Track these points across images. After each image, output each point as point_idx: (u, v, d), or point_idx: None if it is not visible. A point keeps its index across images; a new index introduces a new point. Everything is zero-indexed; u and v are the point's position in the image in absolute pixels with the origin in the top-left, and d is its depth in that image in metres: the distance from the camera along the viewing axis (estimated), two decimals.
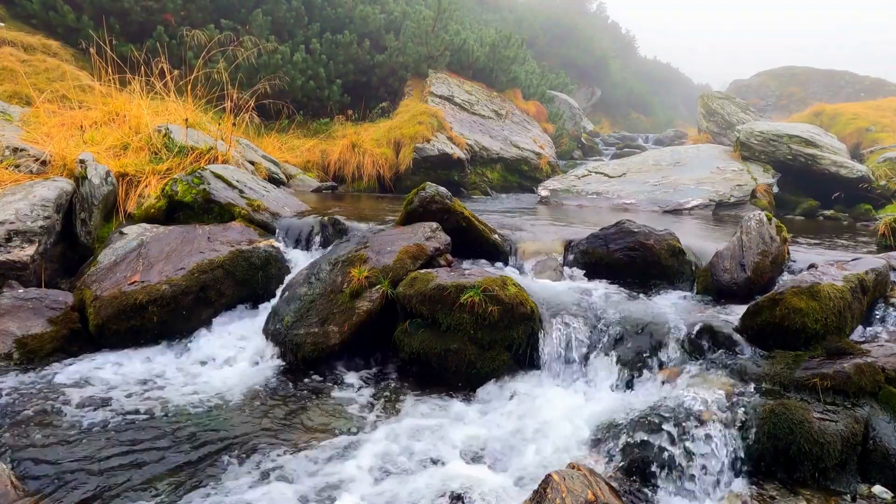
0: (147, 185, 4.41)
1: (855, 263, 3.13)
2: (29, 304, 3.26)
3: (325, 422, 2.65)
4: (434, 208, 3.85)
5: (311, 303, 3.31)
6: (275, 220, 4.33)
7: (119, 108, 5.17)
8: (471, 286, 3.01)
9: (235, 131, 5.93)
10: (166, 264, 3.53)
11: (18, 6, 7.24)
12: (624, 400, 2.68)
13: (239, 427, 2.55)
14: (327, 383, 3.06)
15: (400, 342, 3.14)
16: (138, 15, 7.91)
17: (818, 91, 20.61)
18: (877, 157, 9.05)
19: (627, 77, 26.73)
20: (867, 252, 4.03)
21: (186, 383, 2.96)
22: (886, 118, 12.26)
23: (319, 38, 9.28)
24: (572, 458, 2.34)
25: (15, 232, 3.51)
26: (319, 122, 8.80)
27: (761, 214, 3.59)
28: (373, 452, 2.39)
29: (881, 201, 7.58)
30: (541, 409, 2.70)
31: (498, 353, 3.01)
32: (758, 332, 2.71)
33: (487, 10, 19.85)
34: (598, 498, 1.81)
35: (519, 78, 12.11)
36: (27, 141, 4.35)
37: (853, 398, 2.33)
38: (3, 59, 5.93)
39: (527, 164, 9.81)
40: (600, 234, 3.77)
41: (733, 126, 11.84)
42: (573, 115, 14.76)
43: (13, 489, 1.93)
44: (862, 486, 2.19)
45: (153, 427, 2.51)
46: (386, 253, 3.48)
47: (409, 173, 7.87)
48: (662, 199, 7.31)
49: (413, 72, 10.02)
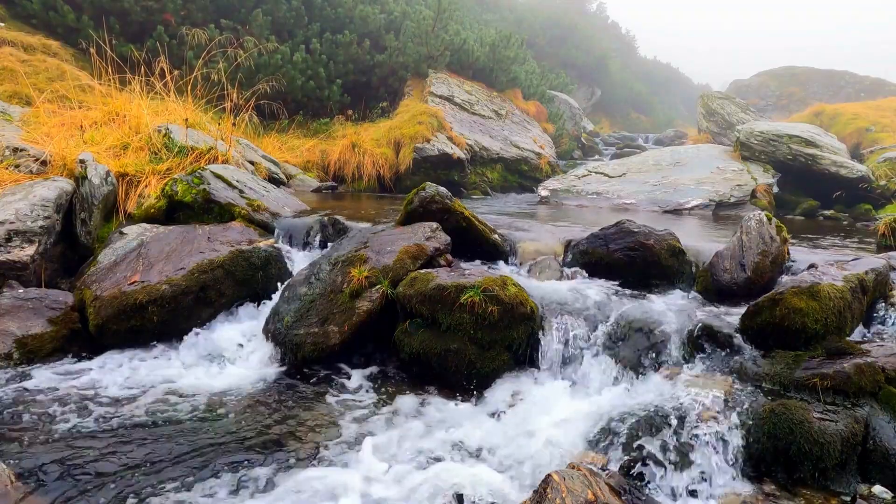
0: (147, 185, 4.41)
1: (855, 263, 3.13)
2: (29, 304, 3.26)
3: (325, 422, 2.65)
4: (434, 208, 3.85)
5: (311, 303, 3.31)
6: (275, 220, 4.33)
7: (119, 108, 5.17)
8: (471, 286, 3.01)
9: (235, 131, 5.93)
10: (166, 264, 3.53)
11: (18, 6, 7.24)
12: (624, 400, 2.68)
13: (239, 427, 2.55)
14: (327, 383, 3.05)
15: (400, 342, 3.14)
16: (138, 15, 7.91)
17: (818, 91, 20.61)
18: (877, 157, 9.05)
19: (627, 77, 26.73)
20: (867, 252, 4.03)
21: (186, 384, 2.96)
22: (886, 118, 12.26)
23: (319, 38, 9.28)
24: (572, 458, 2.34)
25: (15, 232, 3.51)
26: (319, 122, 8.80)
27: (761, 214, 3.59)
28: (373, 452, 2.39)
29: (881, 201, 7.58)
30: (541, 409, 2.70)
31: (498, 352, 3.01)
32: (758, 332, 2.71)
33: (487, 10, 19.85)
34: (598, 498, 1.81)
35: (519, 78, 12.11)
36: (27, 141, 4.35)
37: (853, 398, 2.33)
38: (3, 59, 5.93)
39: (527, 164, 9.81)
40: (600, 234, 3.77)
41: (733, 126, 11.84)
42: (573, 115, 14.76)
43: (13, 489, 1.93)
44: (862, 486, 2.19)
45: (153, 427, 2.51)
46: (386, 253, 3.48)
47: (409, 173, 7.87)
48: (662, 199, 7.31)
49: (413, 72, 10.02)
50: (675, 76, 34.23)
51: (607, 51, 24.90)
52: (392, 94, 9.97)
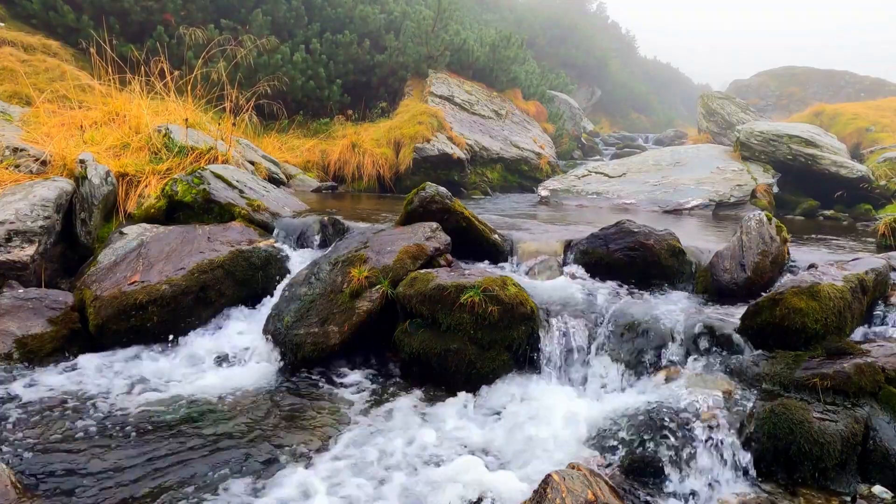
0: (147, 185, 4.41)
1: (855, 263, 3.13)
2: (29, 304, 3.26)
3: (324, 422, 2.65)
4: (434, 208, 3.85)
5: (311, 303, 3.31)
6: (275, 220, 4.33)
7: (119, 108, 5.17)
8: (471, 286, 3.01)
9: (235, 131, 5.93)
10: (166, 264, 3.53)
11: (18, 6, 7.24)
12: (624, 400, 2.68)
13: (238, 428, 2.55)
14: (327, 383, 3.06)
15: (400, 342, 3.14)
16: (138, 15, 7.91)
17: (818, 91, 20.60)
18: (877, 157, 9.05)
19: (627, 77, 26.73)
20: (867, 252, 4.02)
21: (186, 384, 2.96)
22: (886, 118, 12.25)
23: (319, 37, 9.28)
24: (572, 458, 2.34)
25: (15, 232, 3.51)
26: (319, 122, 8.80)
27: (761, 214, 3.59)
28: (372, 452, 2.40)
29: (881, 201, 7.58)
30: (541, 409, 2.70)
31: (498, 353, 3.01)
32: (758, 332, 2.71)
33: (487, 10, 19.85)
34: (598, 498, 1.81)
35: (519, 78, 12.11)
36: (27, 141, 4.35)
37: (853, 398, 2.33)
38: (3, 59, 5.92)
39: (527, 164, 9.81)
40: (600, 234, 3.77)
41: (733, 126, 11.84)
42: (573, 115, 14.76)
43: (13, 489, 1.93)
44: (862, 486, 2.19)
45: (153, 427, 2.51)
46: (386, 253, 3.48)
47: (409, 173, 7.87)
48: (662, 199, 7.31)
49: (413, 72, 10.02)
50: (675, 76, 34.23)
51: (607, 51, 24.91)
52: (392, 94, 9.97)
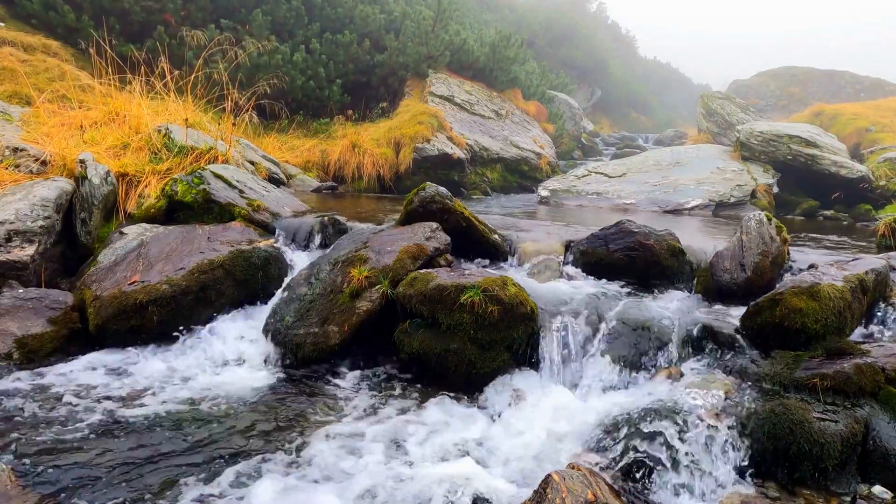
0: (147, 185, 4.41)
1: (855, 263, 3.13)
2: (29, 304, 3.26)
3: (324, 422, 2.65)
4: (434, 208, 3.85)
5: (311, 303, 3.31)
6: (275, 220, 4.33)
7: (119, 108, 5.17)
8: (471, 286, 3.01)
9: (235, 131, 5.93)
10: (166, 264, 3.53)
11: (18, 6, 7.23)
12: (624, 400, 2.68)
13: (238, 428, 2.55)
14: (327, 383, 3.06)
15: (400, 342, 3.14)
16: (138, 15, 7.91)
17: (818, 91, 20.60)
18: (877, 158, 9.05)
19: (627, 77, 26.74)
20: (867, 252, 4.03)
21: (186, 384, 2.96)
22: (886, 118, 12.25)
23: (319, 37, 9.28)
24: (572, 458, 2.34)
25: (15, 232, 3.51)
26: (319, 122, 8.80)
27: (761, 214, 3.59)
28: (372, 453, 2.39)
29: (881, 201, 7.58)
30: (541, 409, 2.70)
31: (498, 353, 3.01)
32: (758, 333, 2.71)
33: (487, 10, 19.84)
34: (598, 498, 1.81)
35: (519, 78, 12.12)
36: (27, 141, 4.35)
37: (853, 398, 2.33)
38: (3, 59, 5.92)
39: (527, 164, 9.81)
40: (600, 234, 3.77)
41: (733, 126, 11.85)
42: (573, 116, 14.76)
43: (13, 488, 1.93)
44: (862, 487, 2.19)
45: (152, 427, 2.51)
46: (386, 253, 3.48)
47: (409, 173, 7.87)
48: (662, 200, 7.31)
49: (413, 72, 10.02)
50: (674, 76, 34.24)
51: (607, 51, 24.94)
52: (392, 94, 9.97)
